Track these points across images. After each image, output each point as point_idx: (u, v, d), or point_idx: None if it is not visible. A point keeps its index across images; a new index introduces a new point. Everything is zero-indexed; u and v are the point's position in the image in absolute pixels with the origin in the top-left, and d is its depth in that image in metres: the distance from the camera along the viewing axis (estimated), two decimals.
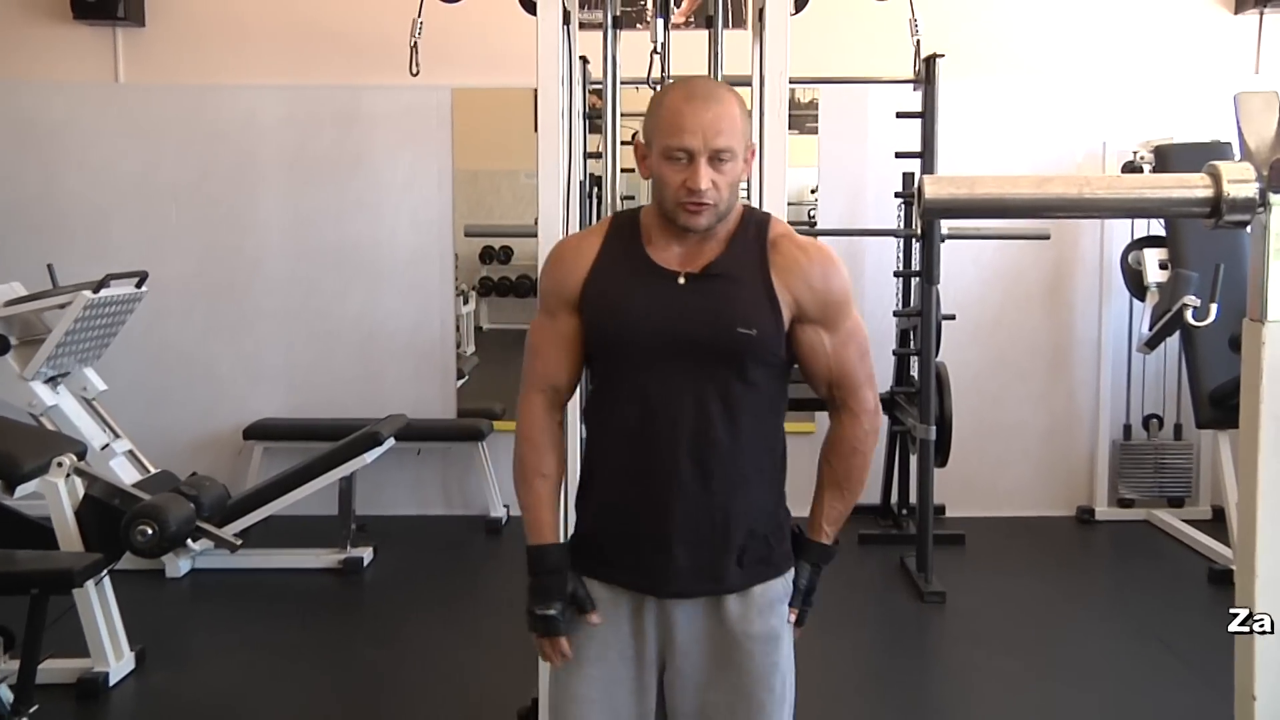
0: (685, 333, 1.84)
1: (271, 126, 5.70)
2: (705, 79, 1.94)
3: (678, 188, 1.83)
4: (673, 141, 1.83)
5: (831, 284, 1.91)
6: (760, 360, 1.87)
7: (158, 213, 5.71)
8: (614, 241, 1.95)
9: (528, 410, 1.98)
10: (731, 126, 1.82)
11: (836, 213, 5.69)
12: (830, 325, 1.92)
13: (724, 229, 1.91)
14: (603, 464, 1.95)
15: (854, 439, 1.97)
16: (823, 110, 5.69)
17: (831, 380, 1.94)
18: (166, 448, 5.47)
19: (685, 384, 1.85)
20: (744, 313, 1.85)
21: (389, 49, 4.76)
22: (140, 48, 5.69)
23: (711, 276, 1.87)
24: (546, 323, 1.97)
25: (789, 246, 1.92)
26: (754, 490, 1.91)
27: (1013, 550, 5.30)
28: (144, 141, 5.69)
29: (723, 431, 1.85)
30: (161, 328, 5.67)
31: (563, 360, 1.96)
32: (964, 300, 5.52)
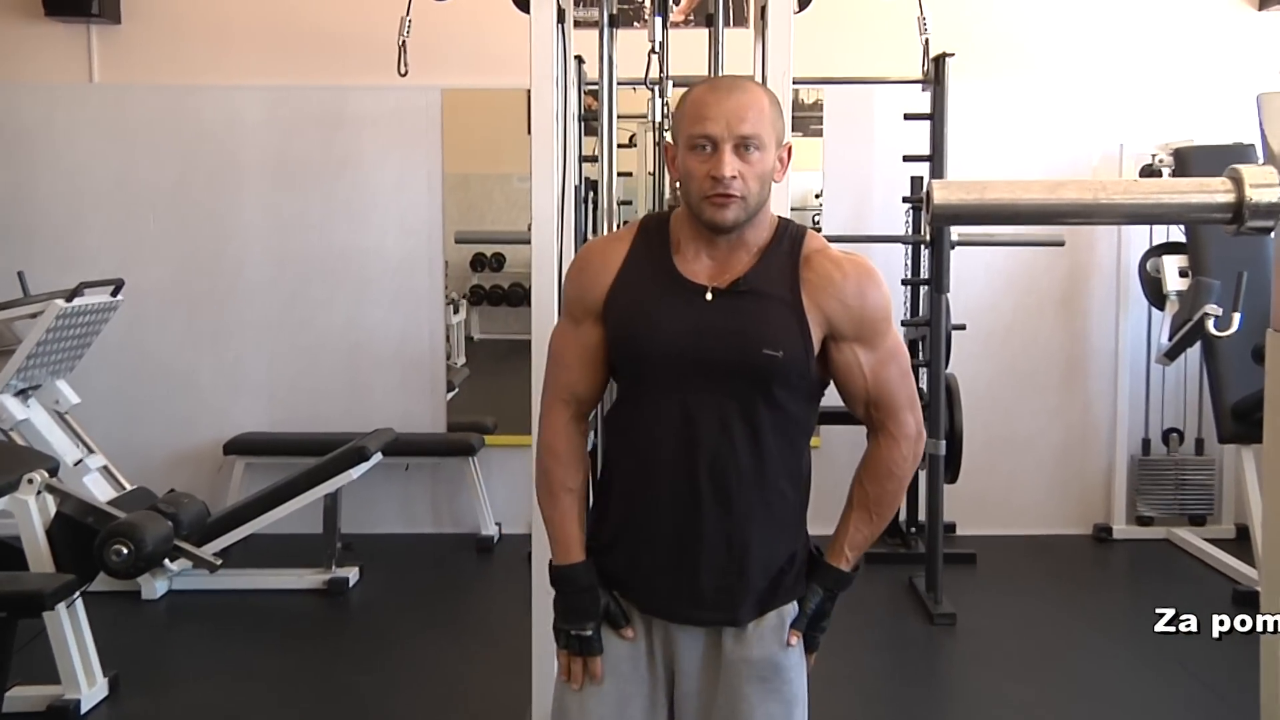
0: (710, 352, 1.84)
1: (253, 128, 5.70)
2: (730, 77, 1.96)
3: (702, 178, 1.82)
4: (696, 130, 1.82)
5: (868, 301, 1.89)
6: (787, 383, 1.86)
7: (134, 218, 5.70)
8: (641, 249, 1.94)
9: (551, 421, 1.98)
10: (759, 115, 1.82)
11: (842, 218, 5.70)
12: (868, 343, 1.90)
13: (756, 240, 1.89)
14: (620, 482, 1.95)
15: (891, 462, 1.95)
16: (827, 112, 5.70)
17: (870, 401, 1.93)
18: (143, 463, 5.46)
19: (708, 404, 1.85)
20: (771, 333, 1.84)
21: (376, 48, 4.76)
22: (116, 46, 5.69)
23: (740, 293, 1.86)
24: (570, 330, 1.97)
25: (823, 262, 1.90)
26: (775, 516, 1.90)
27: (1026, 570, 5.30)
28: (120, 144, 5.69)
29: (746, 455, 1.85)
30: (138, 338, 5.66)
31: (586, 371, 1.95)
32: (975, 309, 5.52)
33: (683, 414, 1.85)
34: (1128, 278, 5.62)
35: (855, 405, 1.95)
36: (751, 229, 1.88)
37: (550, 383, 1.99)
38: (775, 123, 1.85)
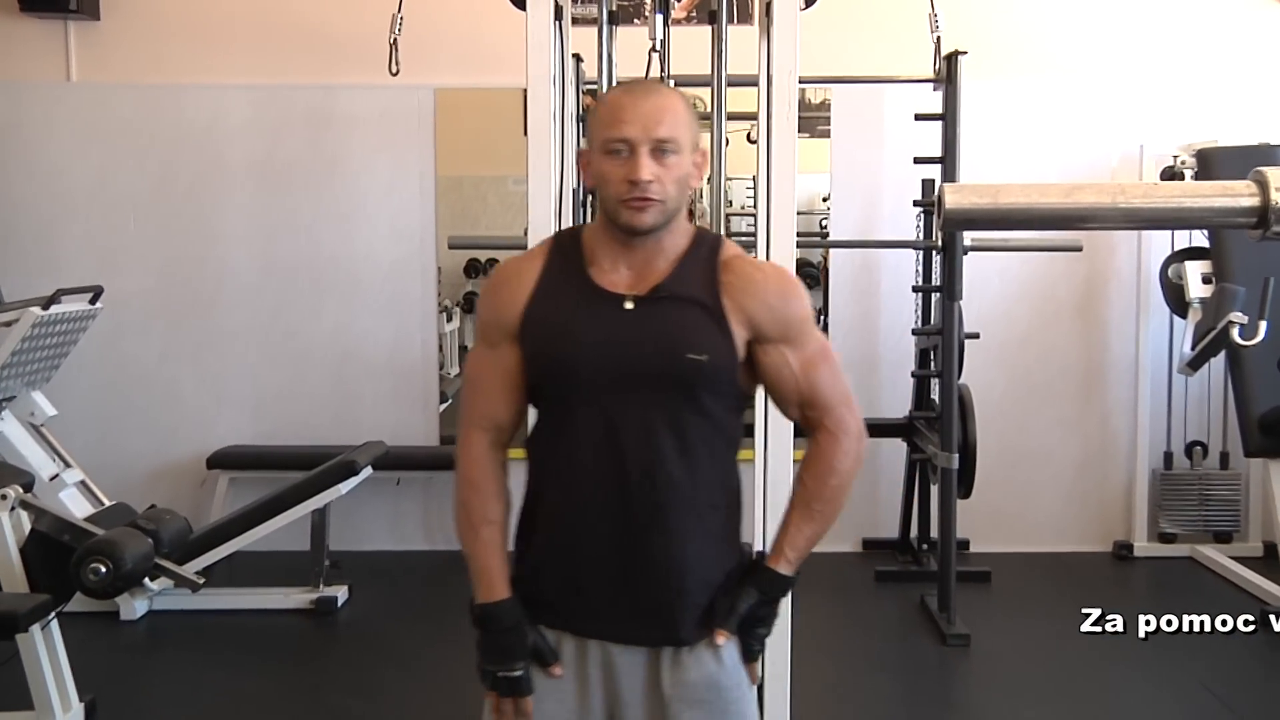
0: (633, 361, 1.86)
1: (238, 129, 5.71)
2: (645, 80, 2.01)
3: (619, 182, 1.85)
4: (612, 134, 1.86)
5: (791, 302, 1.94)
6: (713, 389, 1.89)
7: (114, 223, 5.71)
8: (556, 264, 1.97)
9: (468, 450, 2.00)
10: (675, 119, 1.86)
11: (850, 222, 5.71)
12: (794, 343, 1.94)
13: (673, 246, 1.93)
14: (546, 502, 1.96)
15: (832, 458, 1.95)
16: (835, 112, 5.71)
17: (804, 401, 1.95)
18: (122, 478, 5.46)
19: (634, 416, 1.87)
20: (694, 337, 1.87)
21: (366, 46, 4.78)
22: (94, 43, 5.70)
23: (659, 299, 1.89)
24: (486, 354, 1.98)
25: (742, 265, 1.95)
26: (709, 528, 1.92)
27: (1043, 589, 5.29)
28: (99, 145, 5.70)
29: (675, 465, 1.87)
30: (117, 347, 5.67)
31: (505, 395, 1.97)
32: (989, 317, 5.53)
33: (608, 427, 1.87)
34: (1148, 284, 5.62)
35: (789, 407, 1.98)
36: (669, 235, 1.92)
37: (467, 411, 2.01)
38: (691, 127, 1.90)
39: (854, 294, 5.78)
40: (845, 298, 5.78)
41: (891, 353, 5.70)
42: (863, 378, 5.71)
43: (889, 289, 5.67)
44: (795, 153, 2.90)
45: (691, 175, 1.91)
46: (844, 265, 5.79)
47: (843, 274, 5.79)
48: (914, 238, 5.45)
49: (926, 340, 5.24)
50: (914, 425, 5.35)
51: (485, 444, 1.99)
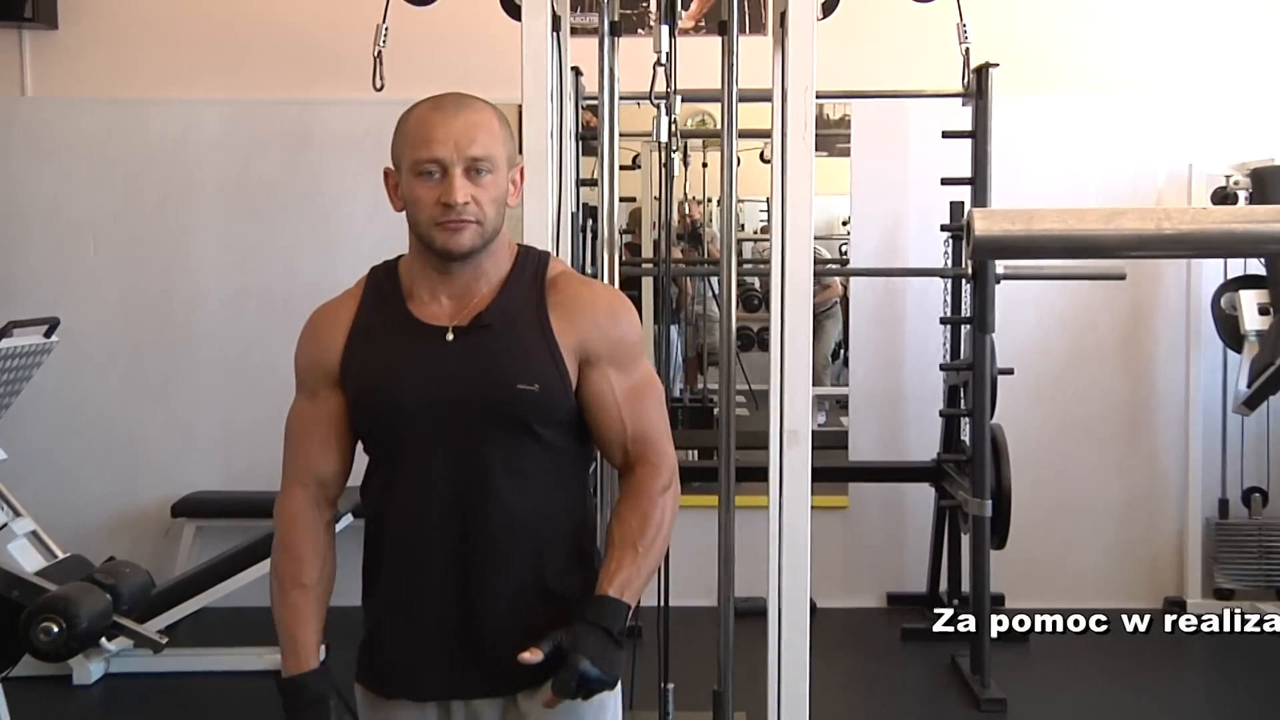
0: (458, 396, 1.89)
1: (209, 147, 5.73)
2: (456, 93, 1.99)
3: (432, 205, 1.89)
4: (421, 154, 1.89)
5: (622, 324, 1.98)
6: (549, 419, 1.93)
7: (71, 248, 5.72)
8: (371, 302, 2.02)
9: (286, 509, 2.01)
10: (489, 135, 1.90)
11: (872, 248, 5.72)
12: (622, 367, 1.97)
13: (495, 270, 1.97)
14: (382, 554, 1.98)
15: (652, 490, 1.96)
16: (856, 129, 5.73)
17: (626, 433, 1.97)
18: (78, 528, 5.44)
19: (466, 455, 1.90)
20: (522, 366, 1.90)
21: (347, 58, 4.80)
22: (52, 54, 5.73)
23: (482, 328, 1.92)
24: (305, 405, 2.02)
25: (570, 283, 1.99)
26: (556, 564, 1.95)
27: (1086, 650, 5.26)
28: (56, 164, 5.71)
29: (513, 501, 1.90)
30: (75, 385, 5.67)
31: (327, 447, 2.00)
32: (1023, 351, 5.52)
33: (441, 471, 1.90)
34: (1199, 315, 5.62)
35: (610, 441, 1.99)
36: (489, 258, 1.96)
37: (286, 466, 2.03)
38: (506, 143, 1.93)
39: (876, 326, 5.78)
40: (867, 330, 5.79)
41: (917, 390, 5.70)
42: (886, 417, 5.71)
43: (914, 320, 5.67)
44: (812, 173, 2.91)
45: (510, 193, 1.94)
46: (865, 295, 5.80)
47: (864, 304, 5.80)
48: (941, 265, 5.46)
49: (955, 376, 5.24)
50: (942, 469, 5.34)
51: (303, 500, 2.00)
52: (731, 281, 3.12)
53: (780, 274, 2.95)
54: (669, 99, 3.18)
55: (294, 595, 1.96)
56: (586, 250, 4.64)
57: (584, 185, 4.42)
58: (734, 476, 3.14)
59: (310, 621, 1.96)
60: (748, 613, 3.27)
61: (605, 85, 3.19)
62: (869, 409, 5.78)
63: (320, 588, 1.98)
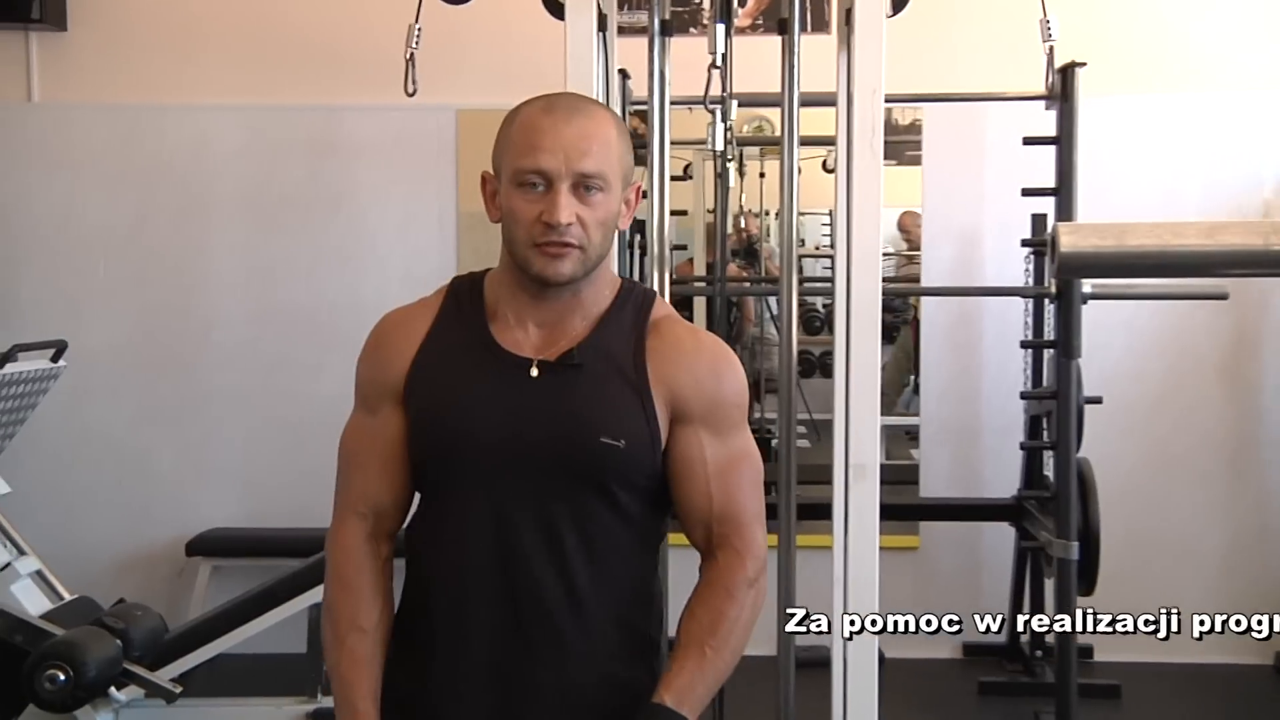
0: (534, 442, 1.83)
1: (227, 157, 5.77)
2: (572, 93, 1.96)
3: (531, 223, 1.82)
4: (525, 163, 1.82)
5: (725, 382, 1.91)
6: (629, 481, 1.86)
7: (80, 266, 5.78)
8: (450, 316, 1.94)
9: (340, 541, 1.97)
10: (604, 149, 1.82)
11: (945, 265, 5.69)
12: (717, 431, 1.89)
13: (595, 304, 1.90)
14: (425, 610, 1.92)
15: (732, 583, 1.88)
16: (928, 135, 5.72)
17: (712, 510, 1.89)
18: (86, 567, 5.47)
19: (532, 511, 1.83)
20: (610, 416, 1.83)
21: (378, 61, 4.83)
22: (60, 57, 5.79)
23: (571, 367, 1.85)
24: (365, 422, 1.96)
25: (674, 328, 1.92)
26: (622, 654, 1.89)
27: (1186, 709, 5.21)
28: (64, 175, 5.78)
29: (579, 572, 1.83)
30: (83, 413, 5.72)
31: (387, 472, 1.93)
32: (1113, 379, 5.48)
33: (499, 523, 1.84)
34: None
35: (692, 516, 1.91)
36: (589, 287, 1.89)
37: (341, 492, 1.99)
38: (624, 158, 1.86)
39: (950, 350, 5.75)
40: (940, 354, 5.76)
41: (995, 420, 5.66)
42: (961, 450, 5.68)
43: (992, 344, 5.64)
44: (880, 183, 2.91)
45: (620, 216, 1.88)
46: (938, 316, 5.77)
47: (937, 326, 5.77)
48: (1022, 283, 5.43)
49: (1038, 405, 5.20)
50: (1023, 507, 5.30)
51: (361, 533, 1.96)
52: (792, 301, 3.11)
53: (845, 293, 2.94)
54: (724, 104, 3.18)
55: (352, 640, 1.91)
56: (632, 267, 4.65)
57: None
58: (795, 514, 3.12)
59: (367, 669, 1.90)
60: (810, 663, 3.25)
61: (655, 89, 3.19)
62: (942, 441, 5.75)
63: (380, 632, 1.93)
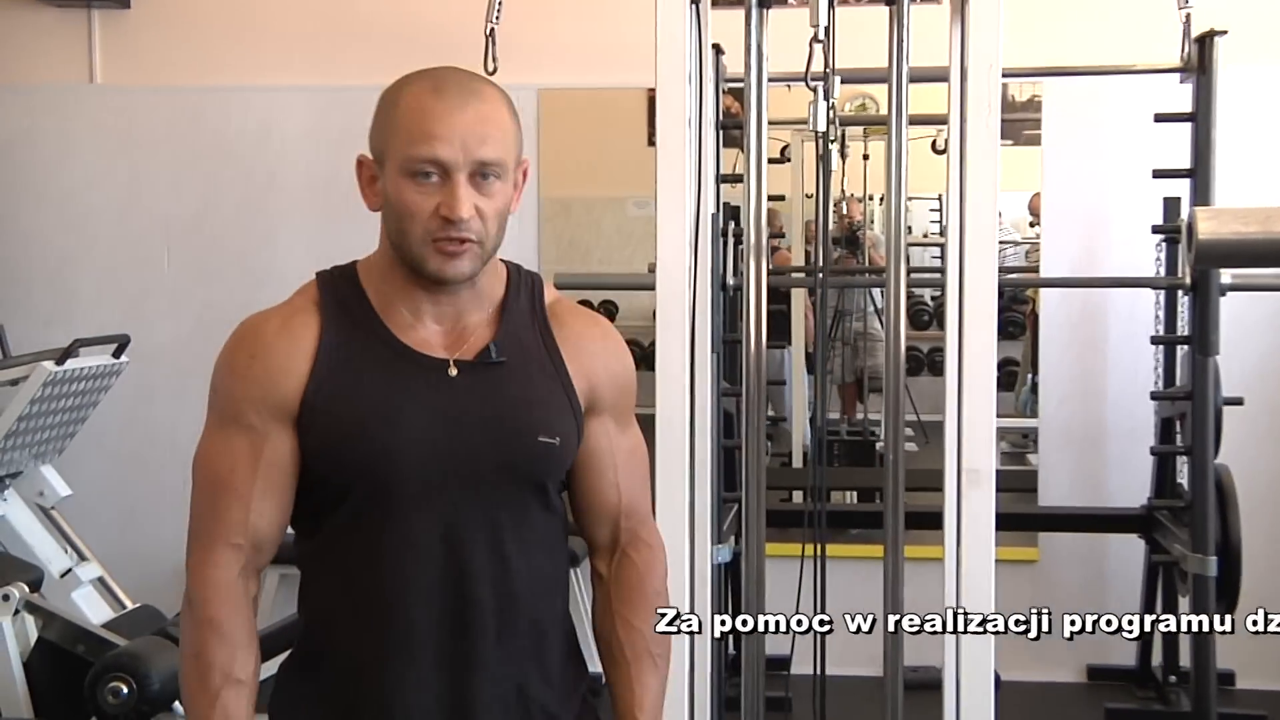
0: (471, 448, 1.80)
1: (296, 142, 5.83)
2: (456, 69, 1.86)
3: (427, 217, 1.76)
4: (419, 150, 1.76)
5: (628, 368, 1.95)
6: (558, 476, 1.88)
7: (143, 257, 5.86)
8: (337, 317, 1.87)
9: (211, 577, 1.84)
10: (502, 134, 1.79)
11: (1067, 254, 5.63)
12: (620, 420, 1.93)
13: (491, 292, 1.88)
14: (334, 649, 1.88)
15: (656, 582, 1.93)
16: (1048, 113, 5.66)
17: (621, 503, 1.93)
18: (150, 574, 5.53)
19: (477, 521, 1.81)
20: (542, 415, 1.83)
21: (454, 37, 4.84)
22: (123, 37, 5.87)
23: (491, 364, 1.83)
24: (238, 443, 1.84)
25: (574, 317, 1.93)
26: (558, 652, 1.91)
27: None
28: (126, 161, 5.86)
29: (522, 581, 1.83)
30: (147, 412, 5.81)
31: (271, 500, 1.84)
32: (1255, 378, 5.39)
33: (449, 538, 1.80)
34: None
35: (596, 507, 1.93)
36: (485, 277, 1.86)
37: (207, 520, 1.86)
38: (517, 140, 1.83)
39: (1072, 347, 5.68)
40: (1061, 352, 5.69)
41: (1123, 423, 5.59)
42: (1085, 455, 5.61)
43: (1119, 340, 5.57)
44: (997, 165, 2.89)
45: (513, 202, 1.85)
46: (1059, 309, 5.71)
47: (1057, 321, 5.71)
48: (1152, 273, 5.36)
49: (1170, 407, 5.13)
50: (1154, 517, 5.23)
51: (236, 566, 1.84)
52: (900, 294, 3.10)
53: (958, 284, 2.92)
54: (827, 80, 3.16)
55: (227, 695, 1.81)
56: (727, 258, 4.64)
57: (725, 182, 4.42)
58: (902, 523, 3.11)
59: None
60: (919, 685, 3.23)
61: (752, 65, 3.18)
62: (1063, 445, 5.69)
63: (254, 684, 1.86)
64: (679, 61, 2.92)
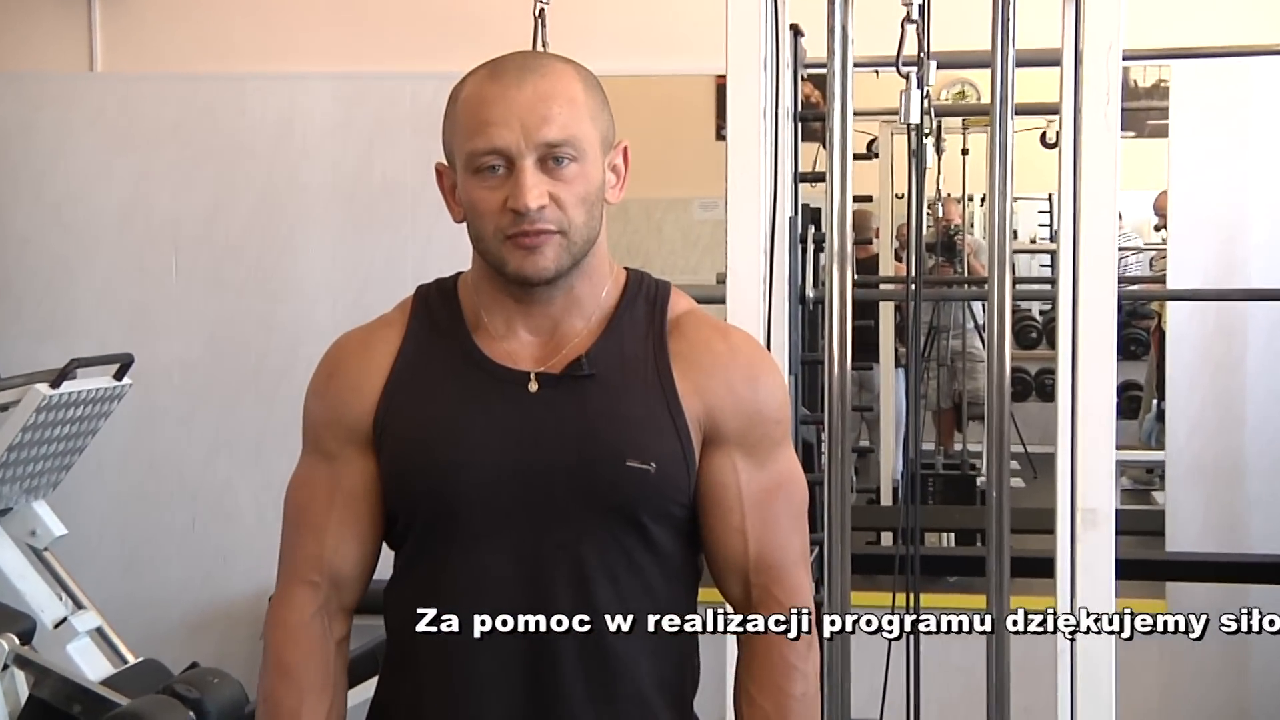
0: (542, 470, 1.78)
1: (320, 136, 5.83)
2: (521, 53, 1.89)
3: (498, 213, 1.77)
4: (478, 143, 1.78)
5: (762, 393, 1.86)
6: (661, 511, 1.82)
7: (149, 266, 5.86)
8: (422, 331, 1.91)
9: (284, 618, 1.89)
10: (570, 108, 1.78)
11: (1199, 261, 5.57)
12: (754, 453, 1.85)
13: (593, 297, 1.88)
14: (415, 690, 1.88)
15: (788, 653, 1.84)
16: (1176, 101, 5.60)
17: (748, 552, 1.85)
18: (154, 624, 5.57)
19: (555, 557, 1.79)
20: (634, 435, 1.79)
21: (497, 18, 4.88)
22: (126, 21, 5.89)
23: (580, 378, 1.81)
24: (320, 472, 1.90)
25: (700, 327, 1.88)
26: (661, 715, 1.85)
27: None
28: (129, 158, 5.86)
29: (619, 636, 1.79)
30: (151, 442, 5.82)
31: (348, 532, 1.88)
32: None
33: (519, 574, 1.79)
34: None
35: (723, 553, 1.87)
36: (583, 280, 1.86)
37: (286, 557, 1.91)
38: (598, 115, 1.83)
39: (1205, 369, 5.63)
40: (1192, 374, 5.63)
41: (1264, 456, 5.53)
42: (1220, 493, 5.55)
43: (1260, 361, 5.51)
44: (1117, 161, 2.87)
45: (608, 188, 1.86)
46: (1189, 326, 5.65)
47: (1187, 339, 5.65)
48: None
49: None
50: None
51: (311, 607, 1.88)
52: (1004, 308, 3.08)
53: (1071, 297, 2.91)
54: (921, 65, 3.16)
55: None
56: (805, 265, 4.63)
57: (804, 180, 4.42)
58: (1008, 570, 3.09)
59: None
60: None
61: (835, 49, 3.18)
62: (1195, 481, 5.62)
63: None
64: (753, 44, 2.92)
